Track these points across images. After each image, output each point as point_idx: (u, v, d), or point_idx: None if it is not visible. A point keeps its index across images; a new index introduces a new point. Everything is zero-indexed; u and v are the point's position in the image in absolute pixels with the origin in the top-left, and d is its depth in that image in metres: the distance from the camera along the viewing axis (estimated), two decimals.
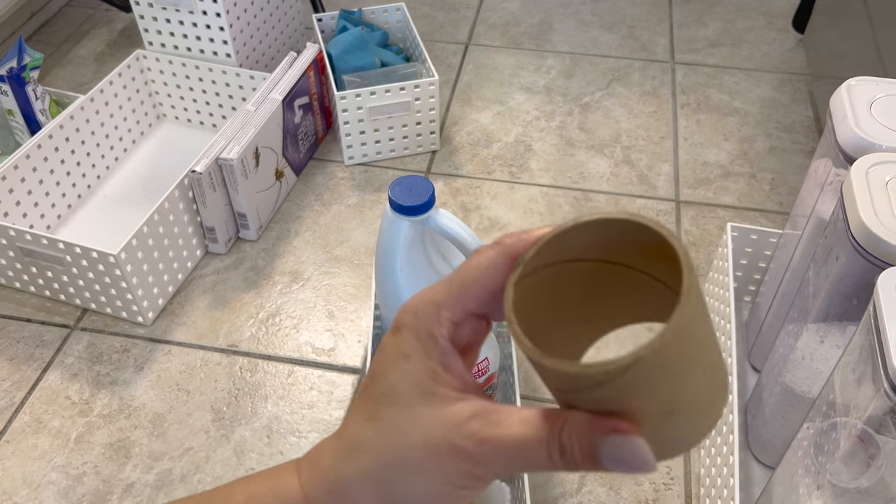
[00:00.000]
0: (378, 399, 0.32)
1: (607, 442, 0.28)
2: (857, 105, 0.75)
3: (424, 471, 0.31)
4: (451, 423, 0.31)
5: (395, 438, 0.31)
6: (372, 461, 0.32)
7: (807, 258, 0.80)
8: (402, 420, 0.31)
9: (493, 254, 0.32)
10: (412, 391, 0.32)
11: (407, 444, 0.31)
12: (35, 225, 1.15)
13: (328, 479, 0.33)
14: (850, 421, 0.58)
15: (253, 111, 1.16)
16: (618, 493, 0.89)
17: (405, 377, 0.32)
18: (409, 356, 0.32)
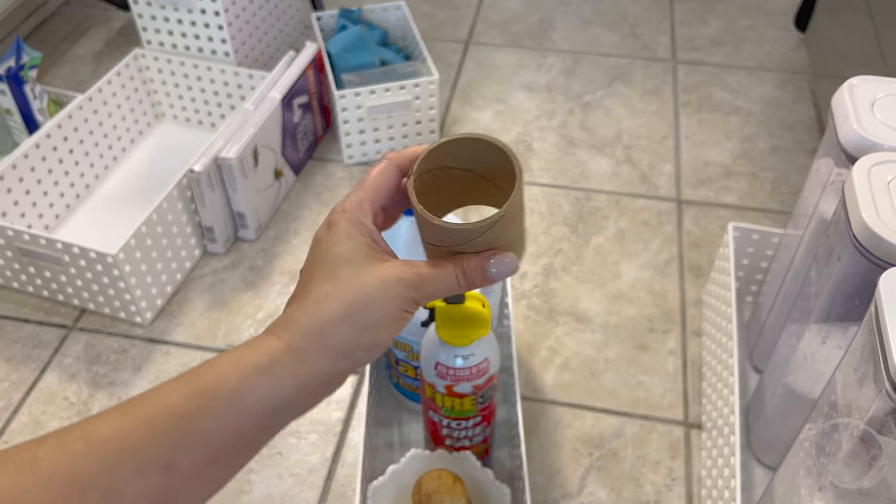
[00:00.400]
0: (331, 267, 0.45)
1: (494, 260, 0.47)
2: (859, 104, 0.74)
3: (381, 301, 0.44)
4: (395, 268, 0.45)
5: (355, 285, 0.44)
6: (340, 304, 0.44)
7: (808, 258, 0.80)
8: (357, 274, 0.44)
9: (384, 165, 0.48)
10: (359, 256, 0.45)
11: (367, 286, 0.44)
12: (33, 225, 1.15)
13: (304, 328, 0.43)
14: (851, 422, 0.58)
15: (252, 110, 1.16)
16: (619, 495, 0.88)
17: (351, 249, 0.45)
18: (350, 235, 0.46)
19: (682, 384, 0.99)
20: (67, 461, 0.38)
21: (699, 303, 1.08)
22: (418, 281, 0.45)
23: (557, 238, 1.18)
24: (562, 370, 1.01)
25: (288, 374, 0.43)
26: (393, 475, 0.80)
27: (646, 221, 1.21)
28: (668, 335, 1.05)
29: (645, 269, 1.13)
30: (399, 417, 0.95)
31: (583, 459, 0.92)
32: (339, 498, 0.89)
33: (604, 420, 0.96)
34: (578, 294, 1.10)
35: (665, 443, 0.93)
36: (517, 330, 1.05)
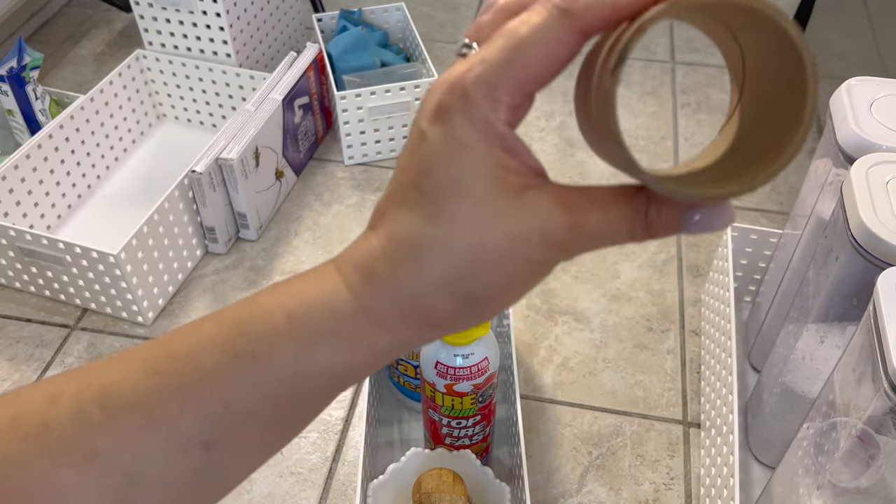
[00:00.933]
0: (437, 197, 0.29)
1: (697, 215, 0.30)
2: (858, 105, 0.75)
3: (507, 262, 0.29)
4: (537, 213, 0.29)
5: (470, 236, 0.29)
6: (446, 264, 0.29)
7: (807, 258, 0.80)
8: (475, 215, 0.29)
9: (560, 28, 0.29)
10: (480, 183, 0.29)
11: (487, 240, 0.29)
12: (35, 225, 1.15)
13: (391, 289, 0.30)
14: (849, 421, 0.58)
15: (253, 111, 1.16)
16: (618, 494, 0.89)
17: (468, 169, 0.29)
18: (468, 145, 0.29)
19: (680, 383, 0.99)
20: (83, 433, 0.31)
21: (698, 302, 1.09)
22: (574, 234, 0.30)
23: None
24: (561, 369, 1.01)
25: (364, 344, 0.31)
26: (393, 474, 0.81)
27: None
28: (666, 335, 1.05)
29: (644, 269, 1.14)
30: (399, 416, 0.96)
31: (582, 458, 0.92)
32: (340, 497, 0.89)
33: (603, 419, 0.96)
34: (577, 293, 1.11)
35: (664, 442, 0.93)
36: (516, 329, 1.06)
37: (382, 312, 0.31)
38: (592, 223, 0.29)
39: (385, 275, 0.30)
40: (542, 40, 0.28)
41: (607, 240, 0.30)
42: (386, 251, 0.31)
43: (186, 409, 0.31)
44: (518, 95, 0.29)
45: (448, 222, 0.29)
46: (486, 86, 0.28)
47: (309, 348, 0.31)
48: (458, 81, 0.28)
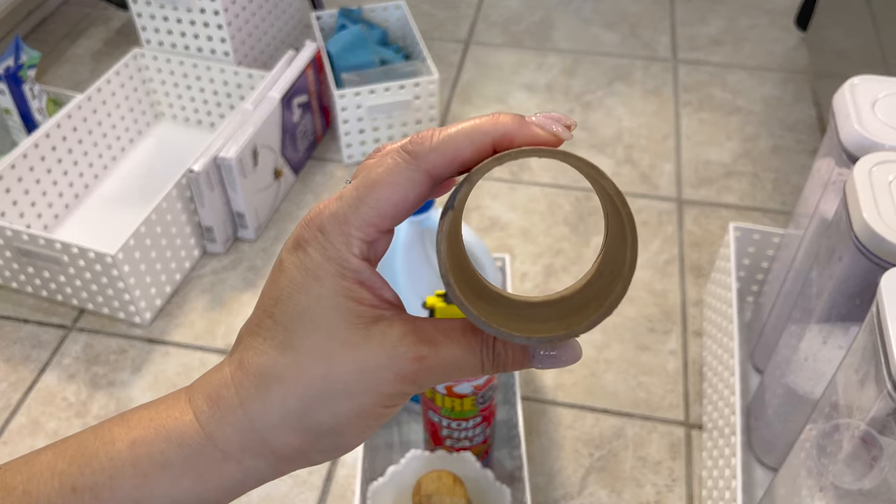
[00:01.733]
0: (289, 326, 0.29)
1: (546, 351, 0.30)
2: (861, 104, 0.74)
3: (356, 394, 0.29)
4: (386, 345, 0.29)
5: (321, 368, 0.29)
6: (294, 395, 0.29)
7: (810, 258, 0.80)
8: (324, 346, 0.29)
9: (409, 171, 0.29)
10: (331, 315, 0.29)
11: (336, 372, 0.29)
12: (32, 225, 1.15)
13: (238, 417, 0.30)
14: (853, 422, 0.57)
15: (251, 110, 1.16)
16: (619, 496, 0.88)
17: (321, 301, 0.29)
18: (321, 278, 0.29)
19: (682, 384, 0.99)
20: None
21: (700, 303, 1.08)
22: (422, 367, 0.30)
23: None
24: (562, 370, 1.01)
25: (212, 476, 0.30)
26: (393, 476, 0.80)
27: (646, 221, 1.20)
28: (668, 335, 1.04)
29: (645, 269, 1.13)
30: (399, 418, 0.95)
31: (583, 460, 0.91)
32: (339, 499, 0.89)
33: (604, 420, 0.95)
34: None
35: (666, 443, 0.93)
36: None
37: (229, 443, 0.30)
38: (441, 356, 0.30)
39: (232, 404, 0.30)
40: (392, 181, 0.29)
41: (457, 372, 0.31)
42: (235, 379, 0.30)
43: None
44: (371, 232, 0.29)
45: (297, 353, 0.29)
46: (340, 222, 0.29)
47: (151, 479, 0.30)
48: (315, 217, 0.29)
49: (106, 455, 0.30)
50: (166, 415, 0.30)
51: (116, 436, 0.30)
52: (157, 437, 0.30)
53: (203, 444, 0.30)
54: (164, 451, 0.30)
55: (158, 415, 0.31)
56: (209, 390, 0.31)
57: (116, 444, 0.30)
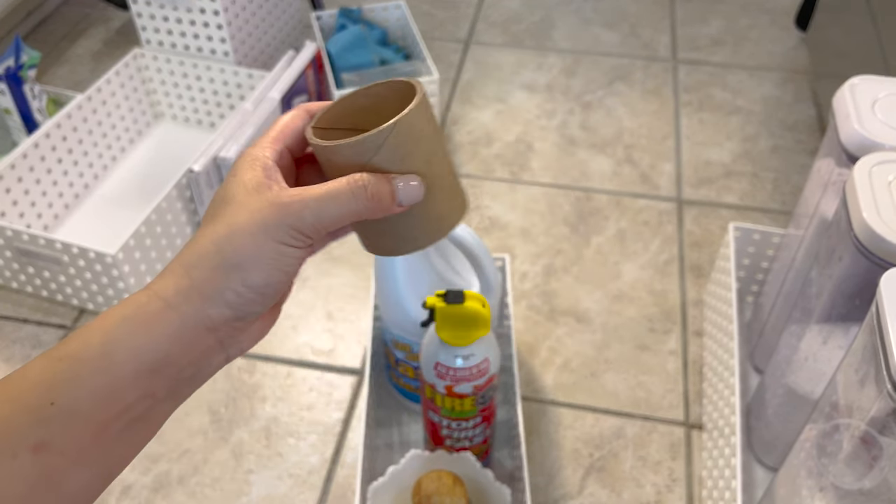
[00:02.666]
0: (215, 209, 0.39)
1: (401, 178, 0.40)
2: (861, 104, 0.74)
3: (250, 233, 0.38)
4: (271, 195, 0.39)
5: (227, 220, 0.38)
6: (207, 243, 0.38)
7: (810, 258, 0.80)
8: (235, 210, 0.39)
9: (295, 111, 0.44)
10: (241, 192, 0.39)
11: (237, 219, 0.38)
12: (32, 225, 1.15)
13: (174, 274, 0.38)
14: (853, 422, 0.57)
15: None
16: (619, 496, 0.88)
17: (236, 186, 0.39)
18: (237, 173, 0.40)
19: (682, 384, 0.99)
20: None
21: (700, 303, 1.08)
22: (297, 203, 0.38)
23: (558, 238, 1.18)
24: (562, 370, 1.01)
25: (156, 323, 0.37)
26: (393, 476, 0.80)
27: (646, 221, 1.20)
28: (668, 335, 1.04)
29: (645, 269, 1.13)
30: (399, 418, 0.95)
31: (583, 460, 0.91)
32: (339, 499, 0.89)
33: (604, 420, 0.95)
34: (579, 294, 1.10)
35: (666, 443, 0.93)
36: (517, 330, 1.05)
37: (169, 294, 0.38)
38: (313, 190, 0.39)
39: (173, 265, 0.39)
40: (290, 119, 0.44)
41: (331, 201, 0.39)
42: (179, 256, 0.39)
43: (15, 412, 0.34)
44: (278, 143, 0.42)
45: (216, 219, 0.39)
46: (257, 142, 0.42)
47: (113, 333, 0.36)
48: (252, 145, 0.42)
49: (82, 331, 0.37)
50: (126, 299, 0.38)
51: (92, 322, 0.38)
52: (118, 307, 0.38)
53: (150, 300, 0.37)
54: (123, 312, 0.37)
55: (122, 301, 0.38)
56: (135, 297, 0.38)
57: (91, 324, 0.37)
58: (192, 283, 0.38)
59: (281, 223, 0.38)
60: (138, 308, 0.37)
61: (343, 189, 0.39)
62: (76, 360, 0.35)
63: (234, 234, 0.38)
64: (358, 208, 0.39)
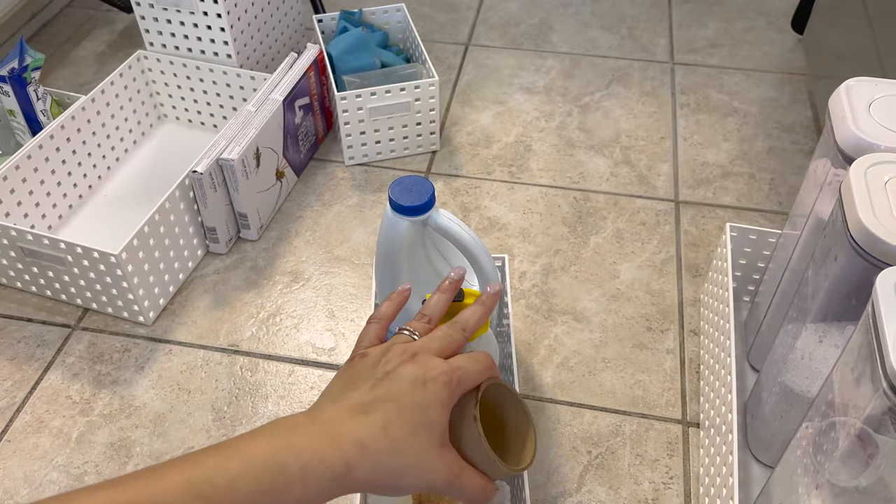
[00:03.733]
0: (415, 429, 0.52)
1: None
2: (856, 105, 0.75)
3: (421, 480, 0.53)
4: (447, 467, 0.54)
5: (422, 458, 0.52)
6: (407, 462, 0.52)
7: (806, 258, 0.80)
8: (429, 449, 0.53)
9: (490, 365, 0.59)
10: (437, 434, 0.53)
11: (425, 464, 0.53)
12: (36, 225, 1.15)
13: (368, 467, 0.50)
14: (848, 420, 0.58)
15: (253, 112, 1.17)
16: (617, 493, 0.89)
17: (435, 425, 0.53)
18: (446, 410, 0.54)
19: (679, 383, 1.00)
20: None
21: (697, 302, 1.09)
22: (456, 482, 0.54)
23: (556, 238, 1.19)
24: (560, 369, 1.01)
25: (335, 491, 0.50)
26: None
27: (644, 221, 1.21)
28: (666, 334, 1.05)
29: (643, 269, 1.14)
30: None
31: (581, 457, 0.92)
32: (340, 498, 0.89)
33: (602, 418, 0.96)
34: (577, 293, 1.11)
35: (663, 441, 0.94)
36: (516, 329, 1.06)
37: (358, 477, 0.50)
38: (464, 482, 0.55)
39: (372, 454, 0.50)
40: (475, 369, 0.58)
41: (466, 495, 0.55)
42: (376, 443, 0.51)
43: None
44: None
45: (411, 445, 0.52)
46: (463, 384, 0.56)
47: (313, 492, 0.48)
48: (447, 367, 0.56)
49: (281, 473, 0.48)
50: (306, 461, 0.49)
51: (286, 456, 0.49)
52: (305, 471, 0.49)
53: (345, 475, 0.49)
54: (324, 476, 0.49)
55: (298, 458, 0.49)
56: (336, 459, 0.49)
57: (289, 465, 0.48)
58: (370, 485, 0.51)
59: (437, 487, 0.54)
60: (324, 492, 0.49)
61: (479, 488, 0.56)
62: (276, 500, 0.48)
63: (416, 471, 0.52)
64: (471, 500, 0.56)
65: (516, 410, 0.63)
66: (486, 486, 0.56)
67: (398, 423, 0.51)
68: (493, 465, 0.56)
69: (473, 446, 0.56)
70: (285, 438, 0.49)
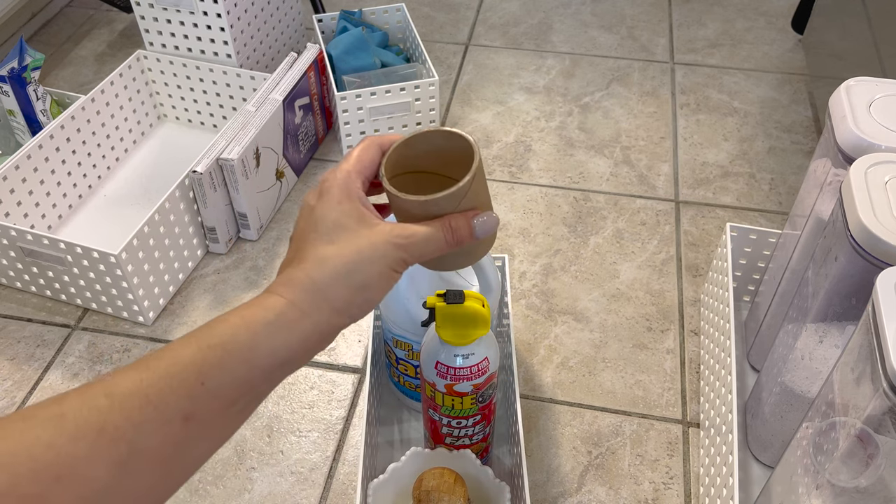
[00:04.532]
0: (327, 231, 0.49)
1: (479, 220, 0.51)
2: (856, 105, 0.75)
3: (374, 261, 0.48)
4: (386, 233, 0.49)
5: (350, 247, 0.48)
6: (336, 264, 0.47)
7: (806, 258, 0.81)
8: (351, 237, 0.48)
9: (367, 143, 0.53)
10: (352, 220, 0.49)
11: (361, 248, 0.48)
12: (36, 225, 1.15)
13: (306, 286, 0.47)
14: (849, 420, 0.58)
15: (253, 111, 1.17)
16: (617, 493, 0.89)
17: (345, 214, 0.49)
18: (341, 201, 0.49)
19: (680, 383, 1.00)
20: (93, 415, 0.40)
21: (697, 302, 1.09)
22: (408, 241, 0.49)
23: (556, 238, 1.19)
24: (560, 369, 1.01)
25: (293, 329, 0.46)
26: (393, 473, 0.81)
27: (644, 221, 1.21)
28: (666, 334, 1.05)
29: (643, 269, 1.14)
30: (399, 416, 0.96)
31: (581, 457, 0.92)
32: (340, 496, 0.90)
33: (602, 418, 0.96)
34: (577, 293, 1.11)
35: (663, 441, 0.94)
36: (516, 329, 1.06)
37: (304, 304, 0.46)
38: (419, 233, 0.50)
39: (301, 278, 0.47)
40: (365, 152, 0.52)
41: (431, 244, 0.50)
42: (299, 267, 0.48)
43: (173, 389, 0.42)
44: (362, 176, 0.51)
45: (336, 243, 0.48)
46: (345, 172, 0.51)
47: (258, 333, 0.45)
48: (328, 174, 0.51)
49: (227, 326, 0.45)
50: (262, 298, 0.47)
51: (231, 317, 0.45)
52: (259, 309, 0.46)
53: (288, 308, 0.46)
54: (265, 316, 0.45)
55: (257, 300, 0.47)
56: (284, 278, 0.48)
57: (232, 319, 0.45)
58: (325, 296, 0.47)
59: (396, 256, 0.49)
60: (278, 315, 0.46)
61: (439, 233, 0.50)
62: (225, 350, 0.44)
63: (362, 262, 0.48)
64: (447, 246, 0.51)
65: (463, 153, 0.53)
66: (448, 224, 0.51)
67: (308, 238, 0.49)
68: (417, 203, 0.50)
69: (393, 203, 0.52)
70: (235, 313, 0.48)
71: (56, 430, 0.38)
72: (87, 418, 0.39)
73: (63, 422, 0.39)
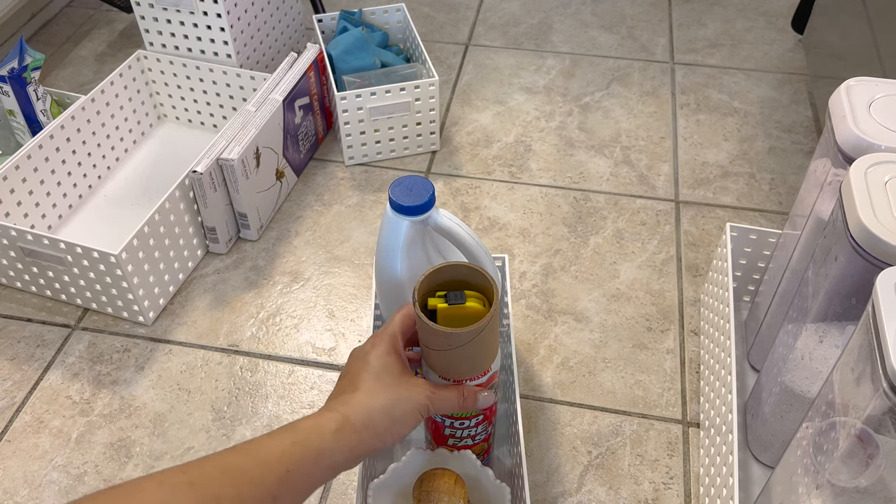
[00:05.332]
0: (378, 373, 0.64)
1: (482, 395, 0.71)
2: (857, 105, 0.75)
3: (409, 404, 0.64)
4: (420, 385, 0.65)
5: (394, 390, 0.64)
6: (383, 400, 0.62)
7: (806, 258, 0.81)
8: (395, 382, 0.64)
9: (408, 310, 0.69)
10: (395, 370, 0.65)
11: (401, 392, 0.64)
12: (36, 225, 1.15)
13: (360, 410, 0.61)
14: (849, 420, 0.58)
15: (253, 111, 1.17)
16: (617, 493, 0.89)
17: (391, 364, 0.65)
18: (389, 354, 0.66)
19: (680, 383, 1.00)
20: (214, 487, 0.52)
21: (697, 302, 1.09)
22: (434, 395, 0.66)
23: (556, 238, 1.19)
24: (560, 369, 1.01)
25: (349, 442, 0.59)
26: (394, 473, 0.81)
27: (644, 221, 1.21)
28: (666, 334, 1.05)
29: (643, 269, 1.14)
30: None
31: (581, 457, 0.92)
32: (341, 496, 0.90)
33: (602, 418, 0.96)
34: (577, 293, 1.11)
35: (663, 441, 0.94)
36: (516, 329, 1.06)
37: (358, 425, 0.60)
38: (440, 393, 0.66)
39: (356, 404, 0.62)
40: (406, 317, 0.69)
41: (446, 404, 0.67)
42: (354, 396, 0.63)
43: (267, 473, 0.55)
44: (404, 337, 0.68)
45: (383, 383, 0.64)
46: (392, 332, 0.68)
47: (328, 442, 0.58)
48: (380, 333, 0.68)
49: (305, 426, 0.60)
50: (327, 413, 0.61)
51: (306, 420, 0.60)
52: (327, 421, 0.60)
53: (346, 425, 0.60)
54: (333, 427, 0.59)
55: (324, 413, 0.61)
56: (341, 401, 0.62)
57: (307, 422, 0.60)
58: (372, 422, 0.61)
59: (424, 403, 0.65)
60: (341, 428, 0.59)
61: (455, 397, 0.68)
62: (304, 449, 0.57)
63: (401, 401, 0.63)
64: (459, 408, 0.69)
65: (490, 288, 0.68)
66: (462, 392, 0.68)
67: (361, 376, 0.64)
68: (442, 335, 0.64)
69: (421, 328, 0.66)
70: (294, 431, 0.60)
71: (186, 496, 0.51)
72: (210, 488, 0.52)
73: (192, 490, 0.51)
